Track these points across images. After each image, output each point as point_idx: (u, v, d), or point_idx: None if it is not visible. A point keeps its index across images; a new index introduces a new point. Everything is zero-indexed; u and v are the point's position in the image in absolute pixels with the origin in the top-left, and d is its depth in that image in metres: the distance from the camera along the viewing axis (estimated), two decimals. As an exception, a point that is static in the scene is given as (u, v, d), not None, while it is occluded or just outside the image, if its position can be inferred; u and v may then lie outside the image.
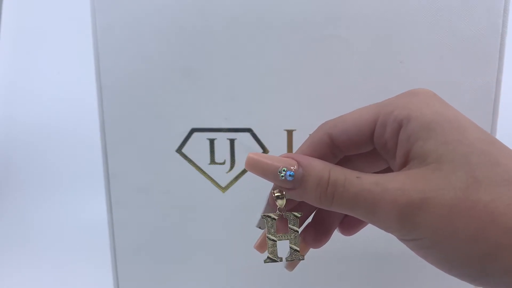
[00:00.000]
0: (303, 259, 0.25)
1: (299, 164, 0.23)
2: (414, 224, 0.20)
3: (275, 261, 0.26)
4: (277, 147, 0.38)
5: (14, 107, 0.67)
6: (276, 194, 0.24)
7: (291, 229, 0.25)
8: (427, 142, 0.21)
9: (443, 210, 0.20)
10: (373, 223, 0.22)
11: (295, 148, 0.38)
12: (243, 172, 0.39)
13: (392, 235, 0.22)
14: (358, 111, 0.24)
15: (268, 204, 0.26)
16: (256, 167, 0.23)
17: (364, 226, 0.28)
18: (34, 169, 0.67)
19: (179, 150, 0.39)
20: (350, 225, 0.27)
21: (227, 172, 0.39)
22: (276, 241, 0.26)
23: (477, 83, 0.36)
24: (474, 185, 0.20)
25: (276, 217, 0.25)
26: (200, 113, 0.38)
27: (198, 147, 0.39)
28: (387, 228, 0.22)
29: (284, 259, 0.26)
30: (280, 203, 0.24)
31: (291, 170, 0.23)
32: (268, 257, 0.26)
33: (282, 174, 0.23)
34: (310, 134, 0.26)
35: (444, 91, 0.26)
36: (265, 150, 0.38)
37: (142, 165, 0.39)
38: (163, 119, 0.38)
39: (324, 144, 0.25)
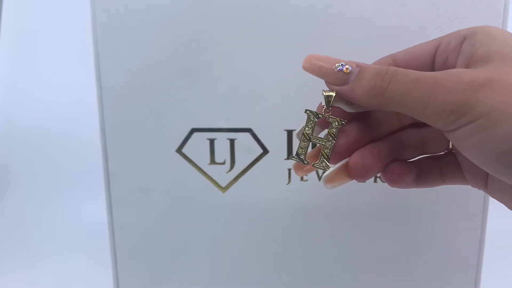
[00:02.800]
0: (328, 170, 0.24)
1: (357, 65, 0.23)
2: (475, 101, 0.19)
3: (302, 161, 0.24)
4: (277, 147, 0.38)
5: (14, 107, 0.67)
6: (326, 94, 0.23)
7: (330, 135, 0.24)
8: (492, 45, 0.21)
9: (509, 88, 0.19)
10: (426, 110, 0.20)
11: (295, 148, 0.38)
12: (243, 172, 0.39)
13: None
14: (423, 42, 0.25)
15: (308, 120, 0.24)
16: (315, 59, 0.23)
17: (407, 180, 0.25)
18: (34, 169, 0.67)
19: (179, 150, 0.39)
20: (394, 169, 0.25)
21: (227, 172, 0.39)
22: (309, 142, 0.24)
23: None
24: None
25: (320, 115, 0.24)
26: (200, 113, 0.38)
27: (198, 147, 0.39)
28: (441, 112, 0.20)
29: (311, 164, 0.24)
30: (328, 104, 0.23)
31: (349, 65, 0.22)
32: (296, 154, 0.24)
33: (338, 66, 0.22)
34: None
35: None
36: (265, 150, 0.38)
37: (142, 165, 0.39)
38: (163, 119, 0.38)
39: (386, 64, 0.24)
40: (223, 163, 0.39)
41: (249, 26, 0.36)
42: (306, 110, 0.24)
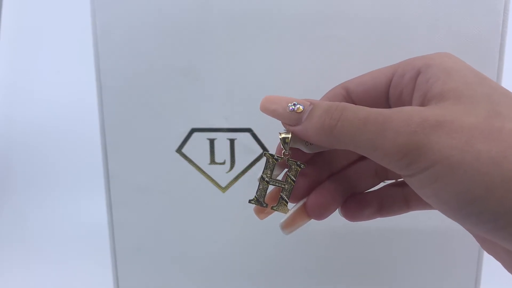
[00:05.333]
0: (286, 214, 0.24)
1: (311, 103, 0.22)
2: (427, 146, 0.18)
3: (260, 204, 0.24)
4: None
5: (14, 107, 0.67)
6: (282, 136, 0.23)
7: (289, 178, 0.24)
8: (448, 81, 0.20)
9: (463, 132, 0.18)
10: (377, 151, 0.19)
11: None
12: (243, 172, 0.39)
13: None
14: (377, 69, 0.24)
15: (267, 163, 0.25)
16: (269, 102, 0.23)
17: (368, 212, 0.25)
18: (34, 169, 0.67)
19: (179, 150, 0.39)
20: (353, 204, 0.25)
21: (227, 172, 0.39)
22: (268, 184, 0.24)
23: (477, 83, 0.36)
24: (497, 116, 0.18)
25: (277, 158, 0.24)
26: (200, 113, 0.38)
27: (198, 147, 0.39)
28: (393, 155, 0.19)
29: (270, 208, 0.24)
30: (286, 146, 0.23)
31: (302, 104, 0.22)
32: (254, 198, 0.24)
33: (291, 106, 0.22)
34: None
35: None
36: (265, 150, 0.38)
37: (142, 165, 0.39)
38: (163, 119, 0.38)
39: (339, 96, 0.24)
40: (223, 163, 0.39)
41: (249, 26, 0.36)
42: (264, 153, 0.25)
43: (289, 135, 0.23)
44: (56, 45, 0.66)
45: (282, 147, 0.23)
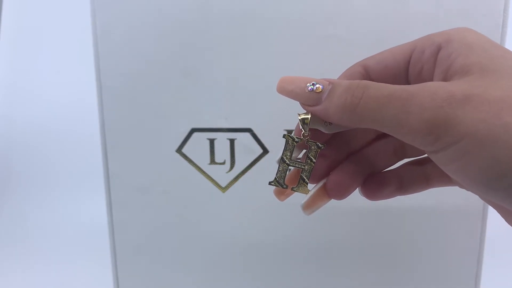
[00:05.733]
0: (307, 194, 0.24)
1: (330, 82, 0.21)
2: (454, 120, 0.17)
3: (281, 186, 0.24)
4: (277, 147, 0.38)
5: (14, 107, 0.67)
6: (301, 116, 0.22)
7: (309, 158, 0.23)
8: (470, 56, 0.19)
9: (490, 105, 0.17)
10: (402, 128, 0.19)
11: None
12: (243, 172, 0.39)
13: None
14: (395, 46, 0.23)
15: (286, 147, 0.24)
16: (286, 82, 0.22)
17: (388, 191, 0.25)
18: (34, 169, 0.67)
19: (179, 150, 0.39)
20: (373, 183, 0.25)
21: (227, 172, 0.39)
22: (288, 166, 0.24)
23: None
24: None
25: (297, 140, 0.24)
26: (200, 113, 0.38)
27: (198, 147, 0.39)
28: (418, 132, 0.18)
29: (290, 188, 0.24)
30: (305, 127, 0.23)
31: (321, 83, 0.21)
32: (275, 180, 0.24)
33: (310, 86, 0.21)
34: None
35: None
36: (265, 150, 0.38)
37: (142, 165, 0.39)
38: (163, 119, 0.38)
39: (358, 75, 0.24)
40: (223, 163, 0.39)
41: (249, 26, 0.36)
42: (284, 135, 0.24)
43: (309, 116, 0.22)
44: (56, 45, 0.66)
45: (301, 127, 0.23)
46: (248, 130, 0.38)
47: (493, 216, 0.39)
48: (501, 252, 0.50)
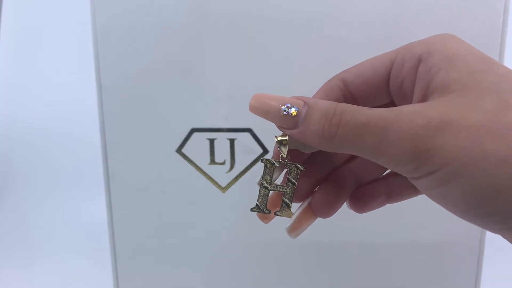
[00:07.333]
0: (291, 218, 0.23)
1: (305, 103, 0.20)
2: (433, 149, 0.17)
3: (263, 212, 0.23)
4: (277, 147, 0.38)
5: (14, 107, 0.67)
6: (279, 139, 0.21)
7: (289, 181, 0.23)
8: (450, 71, 0.18)
9: (469, 131, 0.17)
10: (382, 157, 0.19)
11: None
12: (243, 172, 0.39)
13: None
14: (375, 57, 0.22)
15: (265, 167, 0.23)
16: (259, 103, 0.21)
17: (378, 202, 0.24)
18: (34, 169, 0.67)
19: (179, 150, 0.39)
20: (361, 196, 0.24)
21: (227, 172, 0.39)
22: (269, 190, 0.23)
23: (477, 83, 0.36)
24: (507, 109, 0.17)
25: (275, 164, 0.23)
26: (200, 113, 0.38)
27: (198, 147, 0.39)
28: (398, 161, 0.18)
29: (272, 213, 0.23)
30: (283, 150, 0.22)
31: (295, 106, 0.20)
32: (256, 206, 0.23)
33: (285, 110, 0.20)
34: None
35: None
36: (265, 150, 0.38)
37: (142, 165, 0.39)
38: (163, 119, 0.38)
39: (336, 89, 0.23)
40: (223, 163, 0.39)
41: (249, 27, 0.36)
42: (262, 159, 0.23)
43: (286, 138, 0.22)
44: (56, 45, 0.66)
45: (279, 149, 0.22)
46: (248, 130, 0.38)
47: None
48: (501, 252, 0.50)
